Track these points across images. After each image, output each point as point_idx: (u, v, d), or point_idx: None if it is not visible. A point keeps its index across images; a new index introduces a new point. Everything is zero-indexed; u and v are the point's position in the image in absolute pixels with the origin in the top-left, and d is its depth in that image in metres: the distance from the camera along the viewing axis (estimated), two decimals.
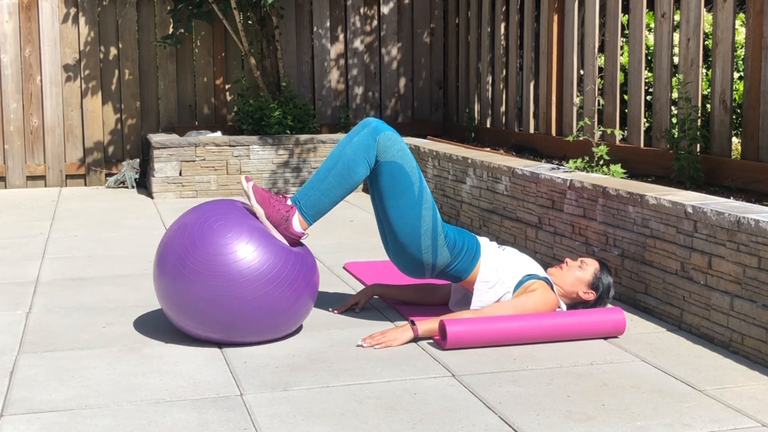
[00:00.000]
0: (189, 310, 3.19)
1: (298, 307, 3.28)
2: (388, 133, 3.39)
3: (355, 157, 3.37)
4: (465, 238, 3.55)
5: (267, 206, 3.31)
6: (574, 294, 3.55)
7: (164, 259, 3.24)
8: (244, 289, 3.14)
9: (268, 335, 3.30)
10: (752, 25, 4.46)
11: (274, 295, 3.18)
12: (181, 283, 3.17)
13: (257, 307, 3.17)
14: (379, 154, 3.38)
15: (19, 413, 2.67)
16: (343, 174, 3.37)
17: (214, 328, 3.21)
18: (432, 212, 3.43)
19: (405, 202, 3.39)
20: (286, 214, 3.32)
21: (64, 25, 7.86)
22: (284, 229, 3.31)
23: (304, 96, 8.29)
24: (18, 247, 5.26)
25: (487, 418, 2.63)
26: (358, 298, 3.82)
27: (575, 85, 6.10)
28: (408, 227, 3.40)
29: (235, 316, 3.17)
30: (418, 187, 3.39)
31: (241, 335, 3.24)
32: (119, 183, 7.90)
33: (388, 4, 8.45)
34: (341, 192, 3.40)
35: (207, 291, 3.14)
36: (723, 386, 2.90)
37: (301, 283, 3.26)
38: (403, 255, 3.47)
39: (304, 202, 3.37)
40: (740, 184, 4.45)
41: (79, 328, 3.55)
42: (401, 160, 3.38)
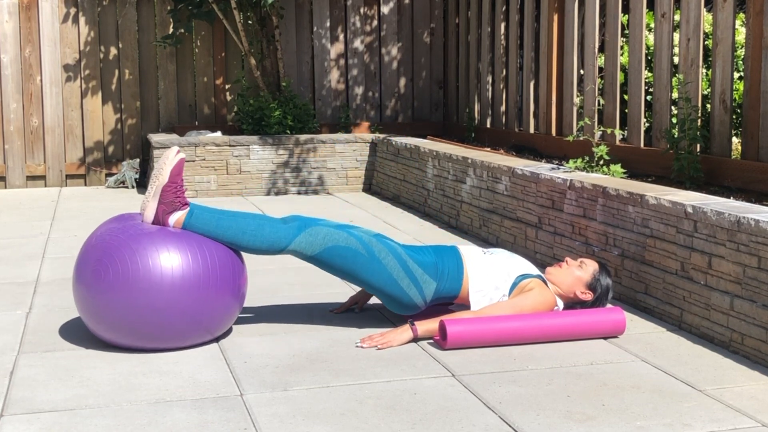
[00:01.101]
0: (108, 320, 3.19)
1: (219, 313, 3.26)
2: (300, 238, 3.36)
3: (265, 232, 3.34)
4: (443, 257, 3.54)
5: (171, 185, 3.29)
6: (572, 294, 3.54)
7: (83, 267, 3.24)
8: (161, 295, 3.13)
9: (185, 341, 3.26)
10: (752, 25, 4.46)
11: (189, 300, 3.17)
12: (99, 294, 3.16)
13: (175, 312, 3.16)
14: (309, 251, 3.38)
15: (19, 413, 2.67)
16: (245, 230, 3.33)
17: (129, 334, 3.20)
18: (393, 256, 3.43)
19: (362, 266, 3.40)
20: (177, 204, 3.30)
21: (64, 25, 7.86)
22: (162, 211, 3.30)
23: (304, 96, 8.29)
24: (18, 247, 5.26)
25: (487, 418, 2.63)
26: (357, 298, 3.82)
27: (575, 85, 6.10)
28: (381, 280, 3.42)
29: (152, 322, 3.15)
30: (364, 248, 3.40)
31: (158, 341, 3.22)
32: (119, 183, 7.90)
33: (388, 4, 8.46)
34: (229, 236, 3.32)
35: (123, 298, 3.13)
36: (723, 386, 2.90)
37: (222, 288, 3.24)
38: (393, 301, 3.49)
39: (198, 213, 3.33)
40: (740, 184, 4.45)
41: (79, 328, 3.55)
42: (330, 243, 3.39)
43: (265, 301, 3.99)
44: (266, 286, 4.25)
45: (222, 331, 3.35)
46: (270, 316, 3.72)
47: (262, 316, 3.72)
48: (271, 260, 4.72)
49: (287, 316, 3.73)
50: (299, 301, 3.99)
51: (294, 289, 4.21)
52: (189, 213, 3.32)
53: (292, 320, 3.67)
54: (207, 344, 3.32)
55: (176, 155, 3.31)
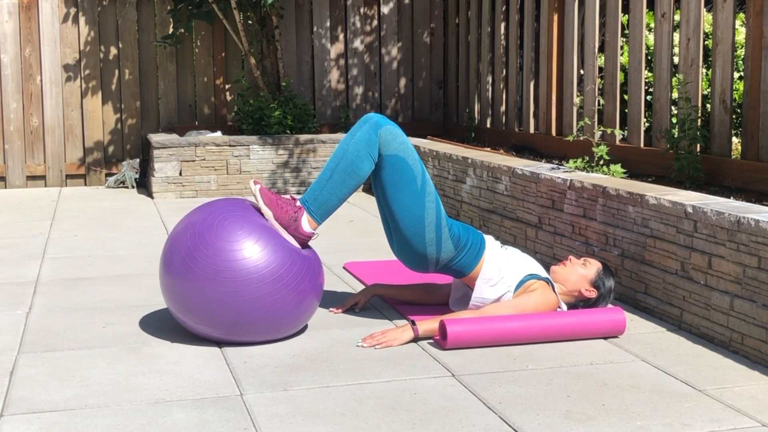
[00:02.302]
0: (194, 308, 3.19)
1: (302, 309, 3.29)
2: (389, 127, 3.42)
3: (358, 153, 3.40)
4: (470, 234, 3.56)
5: (275, 208, 3.33)
6: (577, 291, 3.55)
7: (171, 256, 3.25)
8: (249, 288, 3.14)
9: (271, 335, 3.30)
10: (752, 25, 4.46)
11: (279, 295, 3.18)
12: (187, 281, 3.17)
13: (262, 306, 3.17)
14: (381, 148, 3.41)
15: (19, 413, 2.67)
16: (348, 171, 3.40)
17: (217, 326, 3.21)
18: (435, 205, 3.45)
19: (408, 195, 3.41)
20: (294, 215, 3.34)
21: (64, 25, 7.86)
22: (293, 230, 3.33)
23: (304, 96, 8.29)
24: (18, 247, 5.26)
25: (487, 418, 2.63)
26: (358, 298, 3.82)
27: (575, 85, 6.10)
28: (412, 219, 3.42)
29: (240, 314, 3.17)
30: (421, 180, 3.42)
31: (243, 334, 3.25)
32: (119, 183, 7.90)
33: (388, 4, 8.45)
34: (348, 189, 3.43)
35: (213, 289, 3.14)
36: (723, 386, 2.90)
37: (307, 284, 3.26)
38: (408, 248, 3.47)
39: (312, 201, 3.40)
40: (740, 184, 4.45)
41: (79, 328, 3.55)
42: (403, 153, 3.41)
43: None
44: None
45: (295, 330, 3.38)
46: None
47: None
48: None
49: None
50: None
51: None
52: (307, 211, 3.38)
53: None
54: (207, 344, 3.32)
55: (255, 186, 3.39)
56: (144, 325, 3.59)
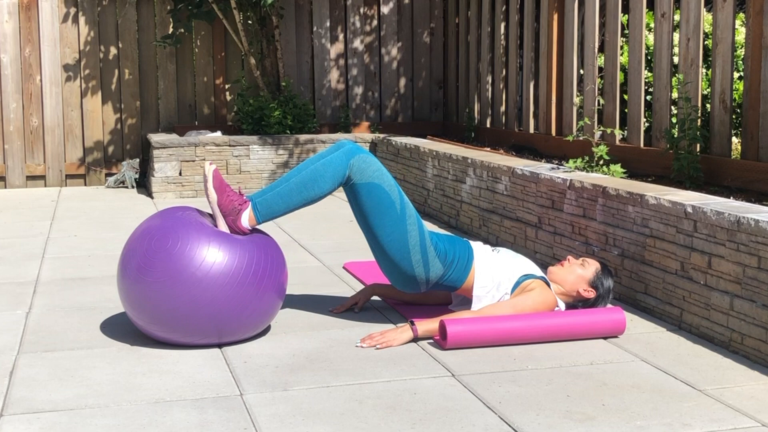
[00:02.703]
0: (151, 313, 3.19)
1: (264, 308, 3.27)
2: (361, 156, 3.40)
3: (322, 171, 3.37)
4: (456, 247, 3.54)
5: (222, 194, 3.32)
6: (575, 292, 3.55)
7: (128, 261, 3.24)
8: (208, 291, 3.13)
9: (233, 336, 3.27)
10: (752, 25, 4.46)
11: (238, 296, 3.17)
12: (144, 286, 3.16)
13: (222, 308, 3.16)
14: (356, 177, 3.38)
15: (19, 413, 2.67)
16: (306, 183, 3.37)
17: (177, 330, 3.20)
18: (417, 226, 3.43)
19: (389, 220, 3.40)
20: (238, 207, 3.32)
21: (64, 25, 7.86)
22: (231, 220, 3.32)
23: (304, 96, 8.29)
24: (18, 247, 5.26)
25: (486, 417, 2.63)
26: (357, 298, 3.82)
27: (575, 85, 6.10)
28: (396, 244, 3.41)
29: (199, 317, 3.16)
30: (400, 204, 3.40)
31: (204, 337, 3.23)
32: (119, 183, 7.91)
33: (388, 4, 8.46)
34: (299, 201, 3.38)
35: (169, 293, 3.13)
36: (723, 386, 2.90)
37: (267, 284, 3.25)
38: (396, 272, 3.47)
39: (260, 200, 3.37)
40: (740, 184, 4.45)
41: (79, 328, 3.55)
42: (378, 180, 3.39)
43: None
44: None
45: (264, 327, 3.37)
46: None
47: None
48: None
49: (287, 316, 3.74)
50: (299, 301, 3.99)
51: (294, 289, 4.21)
52: (253, 207, 3.35)
53: (292, 320, 3.67)
54: (207, 344, 3.32)
55: (210, 167, 3.35)
56: None
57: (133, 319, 3.29)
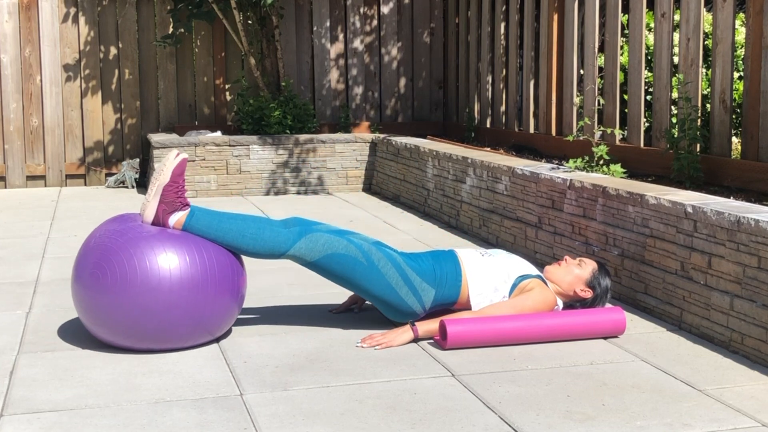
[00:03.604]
0: (106, 321, 3.18)
1: (218, 313, 3.26)
2: (300, 243, 3.36)
3: (264, 237, 3.33)
4: (441, 263, 3.53)
5: (171, 185, 3.29)
6: (571, 292, 3.54)
7: (81, 267, 3.23)
8: (161, 296, 3.13)
9: (186, 342, 3.26)
10: (752, 25, 4.46)
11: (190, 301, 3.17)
12: (96, 291, 3.16)
13: (177, 313, 3.16)
14: (309, 256, 3.37)
15: (19, 413, 2.67)
16: (245, 232, 3.33)
17: (134, 338, 3.20)
18: (392, 264, 3.42)
19: (361, 274, 3.40)
20: (178, 205, 3.30)
21: (64, 25, 7.86)
22: (162, 210, 3.29)
23: (304, 96, 8.29)
24: (18, 247, 5.26)
25: (486, 417, 2.63)
26: (357, 298, 3.82)
27: (575, 85, 6.10)
28: (380, 289, 3.41)
29: (158, 325, 3.15)
30: (363, 256, 3.39)
31: (158, 342, 3.22)
32: (119, 183, 7.91)
33: (388, 4, 8.45)
34: (229, 239, 3.32)
35: (121, 299, 3.12)
36: (723, 386, 2.90)
37: (223, 288, 3.24)
38: (393, 310, 3.48)
39: (200, 215, 3.32)
40: (740, 183, 4.45)
41: (79, 328, 3.55)
42: (330, 250, 3.38)
43: (265, 301, 3.99)
44: (266, 287, 4.25)
45: (222, 332, 3.35)
46: (270, 316, 3.72)
47: (262, 316, 3.73)
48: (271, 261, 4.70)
49: (287, 316, 3.74)
50: (299, 301, 3.99)
51: (294, 289, 4.21)
52: (190, 214, 3.31)
53: (292, 320, 3.67)
54: (207, 344, 3.32)
55: (177, 156, 3.32)
56: None
57: (86, 324, 3.29)
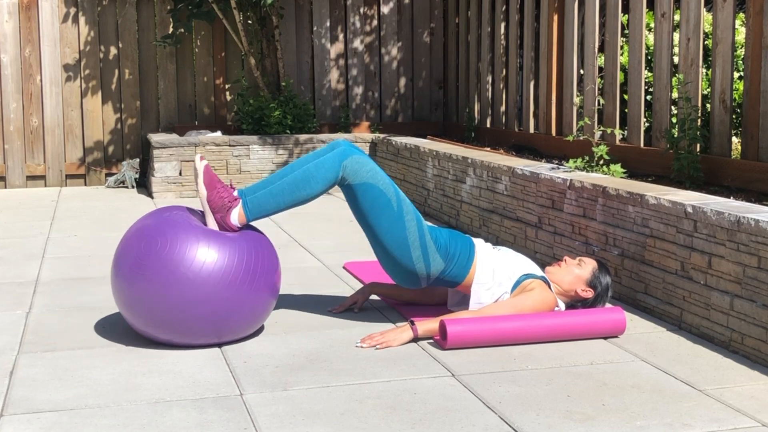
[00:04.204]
0: (145, 313, 3.19)
1: (258, 309, 3.27)
2: (354, 158, 3.39)
3: (315, 173, 3.36)
4: (457, 242, 3.54)
5: (212, 190, 3.31)
6: (572, 292, 3.55)
7: (122, 260, 3.24)
8: (200, 291, 3.13)
9: (227, 336, 3.27)
10: (752, 25, 4.46)
11: (231, 296, 3.17)
12: (137, 285, 3.16)
13: (213, 309, 3.16)
14: (350, 178, 3.38)
15: (19, 413, 2.67)
16: (298, 183, 3.36)
17: (169, 330, 3.20)
18: (416, 222, 3.44)
19: (386, 219, 3.40)
20: (228, 204, 3.32)
21: (64, 25, 7.86)
22: (221, 217, 3.31)
23: (304, 96, 8.29)
24: (18, 247, 5.26)
25: (487, 417, 2.63)
26: (356, 297, 3.82)
27: (575, 84, 6.10)
28: (396, 241, 3.42)
29: (191, 317, 3.16)
30: (396, 202, 3.41)
31: (197, 337, 3.23)
32: (119, 183, 7.91)
33: (388, 4, 8.46)
34: (290, 200, 3.36)
35: (164, 292, 3.13)
36: (723, 386, 2.90)
37: (262, 283, 3.25)
38: (397, 268, 3.48)
39: (251, 198, 3.35)
40: (740, 183, 4.45)
41: (79, 328, 3.55)
42: (373, 180, 3.39)
43: None
44: None
45: (255, 329, 3.36)
46: (270, 316, 3.72)
47: None
48: None
49: (287, 316, 3.74)
50: (299, 301, 3.99)
51: (294, 289, 4.21)
52: (243, 205, 3.33)
53: (292, 320, 3.67)
54: (207, 344, 3.32)
55: (201, 162, 3.34)
56: None
57: (129, 320, 3.29)
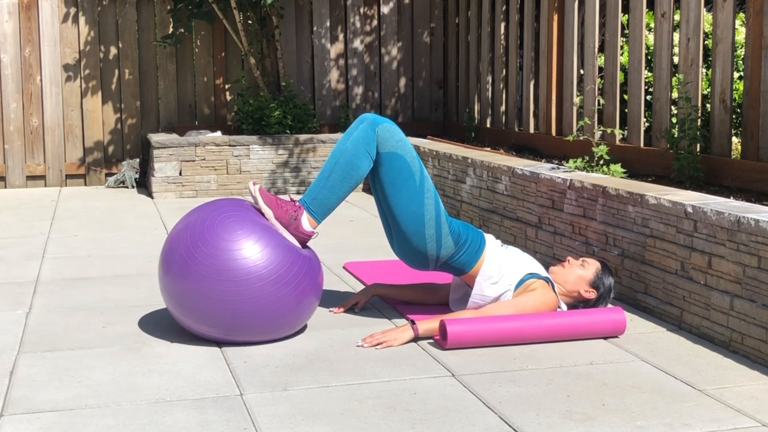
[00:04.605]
0: (194, 307, 3.19)
1: (302, 308, 3.29)
2: (386, 125, 3.45)
3: (356, 151, 3.42)
4: (470, 232, 3.58)
5: (275, 207, 3.36)
6: (576, 292, 3.55)
7: (170, 255, 3.25)
8: (249, 288, 3.14)
9: (270, 335, 3.30)
10: (752, 25, 4.46)
11: (278, 294, 3.18)
12: (187, 281, 3.17)
13: (261, 306, 3.17)
14: (379, 146, 3.44)
15: (19, 413, 2.67)
16: (346, 169, 3.43)
17: (217, 326, 3.21)
18: (434, 201, 3.47)
19: (407, 192, 3.42)
20: (294, 214, 3.36)
21: (64, 25, 7.86)
22: (294, 228, 3.35)
23: (304, 96, 8.29)
24: (18, 247, 5.26)
25: (486, 417, 2.63)
26: (358, 298, 3.82)
27: (575, 84, 6.10)
28: (411, 216, 3.43)
29: (239, 314, 3.17)
30: (419, 177, 3.43)
31: (243, 334, 3.24)
32: (119, 183, 7.91)
33: (388, 4, 8.45)
34: (347, 188, 3.46)
35: (212, 288, 3.14)
36: (723, 386, 2.90)
37: (307, 284, 3.27)
38: (408, 245, 3.48)
39: (311, 201, 3.42)
40: (740, 183, 4.45)
41: (79, 328, 3.55)
42: (401, 151, 3.43)
43: None
44: None
45: (294, 330, 3.38)
46: None
47: None
48: None
49: None
50: None
51: None
52: (307, 210, 3.40)
53: None
54: (207, 344, 3.32)
55: (254, 187, 3.40)
56: (144, 325, 3.59)
57: (177, 316, 3.31)
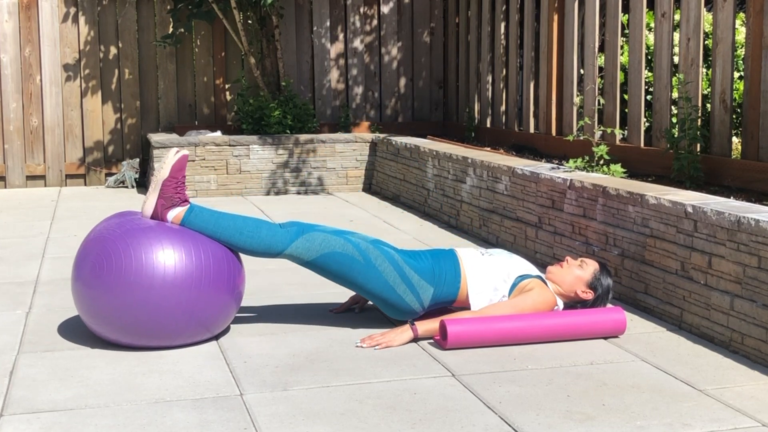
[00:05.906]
0: (105, 316, 3.19)
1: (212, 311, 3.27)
2: (303, 237, 3.39)
3: (262, 232, 3.36)
4: (440, 261, 3.53)
5: (170, 180, 3.33)
6: (573, 293, 3.54)
7: (82, 264, 3.24)
8: (160, 294, 3.14)
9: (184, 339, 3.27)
10: (752, 25, 4.46)
11: (183, 298, 3.18)
12: (96, 288, 3.17)
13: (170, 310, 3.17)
14: (305, 256, 3.39)
15: (19, 413, 2.67)
16: (242, 230, 3.35)
17: (129, 333, 3.21)
18: (389, 263, 3.43)
19: (359, 274, 3.41)
20: (177, 200, 3.34)
21: (63, 25, 7.86)
22: (161, 206, 3.33)
23: (304, 96, 8.29)
24: (18, 247, 5.26)
25: (487, 417, 2.63)
26: (358, 298, 3.82)
27: (575, 84, 6.10)
28: (377, 287, 3.42)
29: (146, 320, 3.16)
30: (361, 255, 3.41)
31: (156, 339, 3.23)
32: (119, 183, 7.91)
33: (388, 4, 8.45)
34: (227, 235, 3.34)
35: (122, 296, 3.14)
36: (723, 386, 2.90)
37: (223, 287, 3.25)
38: (390, 307, 3.48)
39: (198, 211, 3.36)
40: (740, 183, 4.45)
41: (79, 328, 3.55)
42: (327, 249, 3.40)
43: (265, 301, 3.99)
44: (266, 286, 4.25)
45: (220, 329, 3.36)
46: (270, 316, 3.72)
47: (262, 316, 3.73)
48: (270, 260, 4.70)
49: (287, 316, 3.74)
50: (299, 301, 3.99)
51: (293, 289, 4.21)
52: (189, 210, 3.35)
53: (292, 320, 3.67)
54: (207, 344, 3.32)
55: (177, 153, 3.36)
56: None
57: (85, 320, 3.30)
